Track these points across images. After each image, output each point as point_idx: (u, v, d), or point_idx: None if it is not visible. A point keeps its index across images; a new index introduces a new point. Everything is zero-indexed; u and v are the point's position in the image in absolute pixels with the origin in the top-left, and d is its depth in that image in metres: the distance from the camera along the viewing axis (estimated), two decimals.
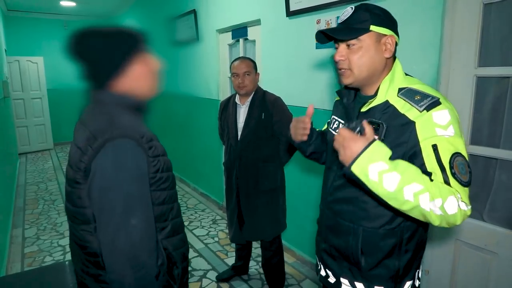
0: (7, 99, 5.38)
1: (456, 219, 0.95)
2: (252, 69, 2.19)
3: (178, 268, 1.05)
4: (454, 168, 0.96)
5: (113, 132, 0.91)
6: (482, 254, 1.69)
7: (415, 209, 0.94)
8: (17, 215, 3.98)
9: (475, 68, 1.62)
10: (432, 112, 0.98)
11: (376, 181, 0.92)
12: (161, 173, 0.99)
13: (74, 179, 0.95)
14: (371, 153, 0.92)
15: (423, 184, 0.92)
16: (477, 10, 1.59)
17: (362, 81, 1.11)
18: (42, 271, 2.17)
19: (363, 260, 1.14)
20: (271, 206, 2.25)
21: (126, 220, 0.89)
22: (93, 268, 0.99)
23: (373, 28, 1.05)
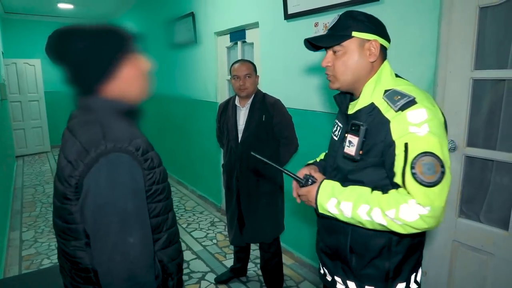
0: (4, 102, 5.37)
1: (420, 225, 0.95)
2: (253, 71, 2.20)
3: (174, 280, 1.02)
4: (416, 168, 0.95)
5: (106, 146, 0.85)
6: (479, 255, 1.71)
7: (377, 225, 1.02)
8: (15, 218, 3.97)
9: (471, 71, 1.64)
10: (407, 112, 0.99)
11: (337, 213, 1.07)
12: (157, 185, 0.94)
13: (64, 194, 0.89)
14: (321, 195, 1.10)
15: (369, 203, 1.01)
16: (473, 13, 1.61)
17: (348, 85, 1.14)
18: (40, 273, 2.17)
19: (353, 259, 1.16)
20: (271, 208, 2.27)
21: (123, 238, 0.85)
22: (83, 284, 0.94)
23: (355, 34, 1.08)
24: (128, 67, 0.95)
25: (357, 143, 1.09)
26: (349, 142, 1.12)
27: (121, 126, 0.91)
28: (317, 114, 2.50)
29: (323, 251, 1.29)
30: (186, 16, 4.11)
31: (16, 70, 6.82)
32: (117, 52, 0.93)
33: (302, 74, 2.58)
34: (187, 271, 2.79)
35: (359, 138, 1.08)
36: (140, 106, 1.03)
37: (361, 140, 1.08)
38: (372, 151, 1.06)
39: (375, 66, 1.12)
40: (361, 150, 1.08)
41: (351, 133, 1.11)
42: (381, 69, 1.12)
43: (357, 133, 1.09)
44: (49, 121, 7.37)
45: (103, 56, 0.90)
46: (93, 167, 0.84)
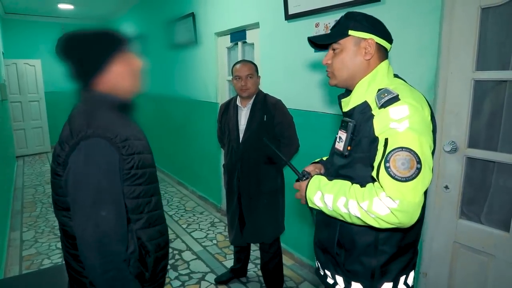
0: (4, 102, 5.36)
1: (391, 219, 0.94)
2: (254, 72, 2.21)
3: (151, 257, 1.12)
4: (390, 161, 0.95)
5: (87, 132, 0.99)
6: (480, 256, 1.71)
7: (352, 218, 1.03)
8: (15, 218, 3.97)
9: (472, 72, 1.64)
10: (389, 108, 1.00)
11: (322, 206, 1.11)
12: (136, 169, 1.06)
13: (55, 171, 1.05)
14: (309, 189, 1.14)
15: (346, 195, 1.03)
16: (475, 14, 1.61)
17: (344, 82, 1.17)
18: (40, 273, 2.17)
19: (342, 254, 1.17)
20: (272, 208, 2.27)
21: (95, 211, 0.98)
22: (72, 249, 1.09)
23: (351, 33, 1.12)
24: (119, 64, 1.09)
25: (345, 138, 1.12)
26: (339, 138, 1.17)
27: (107, 117, 1.05)
28: (318, 115, 2.49)
29: (317, 245, 1.31)
30: (187, 16, 4.11)
31: (16, 70, 6.81)
32: (109, 51, 1.08)
33: (303, 75, 2.58)
34: (187, 271, 2.79)
35: (347, 134, 1.11)
36: (132, 100, 1.17)
37: (349, 135, 1.11)
38: (358, 146, 1.09)
39: (372, 64, 1.13)
40: (349, 146, 1.11)
41: (341, 129, 1.16)
42: (377, 68, 1.13)
43: (345, 129, 1.13)
44: (49, 121, 7.36)
45: (96, 53, 1.06)
46: (75, 149, 0.99)
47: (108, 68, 1.08)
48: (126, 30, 1.12)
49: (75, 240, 1.02)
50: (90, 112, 1.05)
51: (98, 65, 1.06)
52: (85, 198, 0.98)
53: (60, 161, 1.02)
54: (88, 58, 1.06)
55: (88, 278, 1.08)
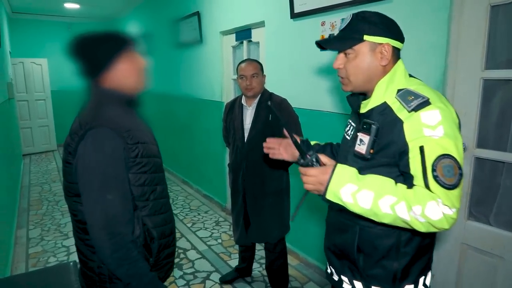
0: (11, 101, 5.41)
1: (442, 224, 0.94)
2: (259, 71, 2.19)
3: (155, 244, 1.18)
4: (437, 170, 0.93)
5: (94, 123, 1.08)
6: (488, 258, 1.68)
7: (397, 220, 0.97)
8: (22, 216, 4.00)
9: (481, 71, 1.62)
10: (420, 113, 0.97)
11: (352, 202, 0.99)
12: (141, 158, 1.13)
13: (66, 160, 1.13)
14: (337, 178, 1.00)
15: (396, 195, 0.96)
16: (484, 12, 1.58)
17: (360, 87, 1.13)
18: (47, 271, 2.18)
19: (361, 259, 1.14)
20: (277, 208, 2.25)
21: (102, 195, 1.05)
22: (82, 233, 1.15)
23: (367, 38, 1.06)
24: (124, 62, 1.17)
25: (368, 141, 1.08)
26: (360, 141, 1.11)
27: (112, 110, 1.13)
28: (324, 114, 2.48)
29: (330, 250, 1.28)
30: (192, 15, 4.11)
31: (23, 69, 6.86)
32: (115, 50, 1.15)
33: (308, 74, 2.56)
34: (191, 270, 2.79)
35: (370, 136, 1.07)
36: (137, 96, 1.24)
37: (372, 138, 1.06)
38: (383, 150, 1.05)
39: (387, 67, 1.10)
40: (372, 148, 1.07)
41: (363, 131, 1.10)
42: (394, 69, 1.10)
43: (368, 131, 1.08)
44: (56, 120, 7.41)
45: (104, 52, 1.14)
46: (83, 138, 1.07)
47: (114, 66, 1.15)
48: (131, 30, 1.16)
49: (85, 224, 1.10)
50: (97, 106, 1.14)
51: (105, 63, 1.14)
52: (93, 182, 1.06)
53: (71, 150, 1.10)
54: (97, 56, 1.14)
55: (95, 262, 1.14)
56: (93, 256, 1.15)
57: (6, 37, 5.88)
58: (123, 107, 1.18)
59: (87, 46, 1.15)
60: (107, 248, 1.05)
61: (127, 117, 1.16)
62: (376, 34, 1.06)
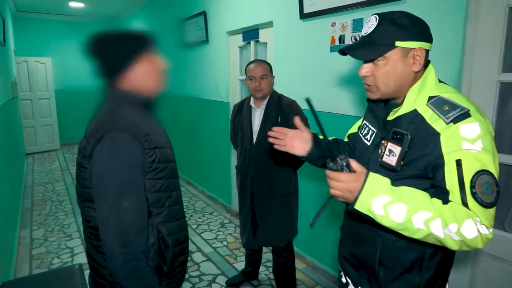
0: (15, 99, 5.39)
1: (477, 243, 0.90)
2: (269, 72, 2.16)
3: (169, 251, 1.14)
4: (476, 187, 0.89)
5: (111, 126, 1.03)
6: (503, 265, 1.64)
7: (429, 237, 0.91)
8: (25, 216, 3.97)
9: (498, 74, 1.58)
10: (460, 125, 0.92)
11: (383, 214, 0.91)
12: (158, 163, 1.09)
13: (81, 163, 1.09)
14: (370, 188, 0.91)
15: (432, 211, 0.89)
16: (502, 13, 1.55)
17: (389, 95, 1.06)
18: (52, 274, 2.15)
19: (382, 272, 1.10)
20: (285, 211, 2.22)
21: (118, 202, 1.01)
22: (94, 240, 1.12)
23: (398, 44, 0.98)
24: (143, 63, 1.13)
25: (399, 153, 1.01)
26: (389, 151, 1.04)
27: (130, 113, 1.10)
28: (333, 116, 2.44)
29: (347, 260, 1.24)
30: (198, 15, 4.08)
31: (27, 68, 6.85)
32: (135, 50, 1.12)
33: (318, 75, 2.53)
34: (197, 273, 2.76)
35: (402, 148, 1.00)
36: (154, 99, 1.21)
37: (404, 150, 1.00)
38: (414, 163, 0.98)
39: (419, 72, 1.04)
40: (402, 160, 1.01)
41: (393, 142, 1.03)
42: (425, 74, 1.03)
43: (400, 142, 1.01)
44: (59, 119, 7.39)
45: (122, 52, 1.10)
46: (99, 142, 1.02)
47: (133, 67, 1.11)
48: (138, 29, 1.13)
49: (98, 231, 1.07)
50: (115, 108, 1.10)
51: (124, 63, 1.10)
52: (108, 189, 1.02)
53: (86, 154, 1.06)
54: (115, 56, 1.10)
55: (107, 269, 1.11)
56: (105, 263, 1.11)
57: (11, 36, 5.86)
58: (140, 109, 1.15)
59: (105, 45, 1.11)
60: (118, 257, 1.01)
61: (145, 120, 1.12)
62: (408, 38, 0.98)
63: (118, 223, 1.01)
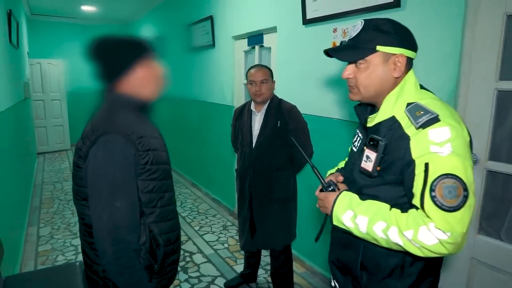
0: (27, 100, 5.52)
1: (439, 249, 0.90)
2: (269, 77, 2.18)
3: (161, 250, 1.18)
4: (436, 191, 0.89)
5: (106, 129, 1.07)
6: (499, 274, 1.63)
7: (392, 244, 0.97)
8: (33, 214, 4.06)
9: (496, 82, 1.58)
10: (429, 130, 0.93)
11: (353, 227, 1.03)
12: (151, 165, 1.13)
13: (76, 164, 1.13)
14: (338, 206, 1.06)
15: (387, 220, 0.96)
16: (500, 21, 1.54)
17: (370, 98, 1.09)
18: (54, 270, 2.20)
19: (364, 277, 1.12)
20: (283, 215, 2.23)
21: (110, 201, 1.05)
22: (88, 237, 1.16)
23: (380, 48, 1.01)
24: (142, 69, 1.17)
25: (375, 159, 1.04)
26: (366, 157, 1.07)
27: (125, 116, 1.13)
28: (333, 121, 2.45)
29: (335, 264, 1.26)
30: (205, 19, 4.14)
31: (40, 69, 7.01)
32: (134, 56, 1.16)
33: (319, 80, 2.55)
34: (197, 274, 2.79)
35: (378, 154, 1.03)
36: (151, 104, 1.24)
37: (379, 156, 1.02)
38: (390, 168, 1.01)
39: (400, 79, 1.06)
40: (378, 166, 1.03)
41: (369, 147, 1.06)
42: (404, 80, 1.05)
43: (375, 148, 1.04)
44: (70, 120, 7.54)
45: (122, 57, 1.15)
46: (95, 144, 1.07)
47: (132, 72, 1.16)
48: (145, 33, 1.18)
49: (91, 228, 1.10)
50: (111, 111, 1.14)
51: (123, 68, 1.15)
52: (102, 189, 1.06)
53: (82, 155, 1.10)
54: (115, 60, 1.15)
55: (100, 266, 1.14)
56: (98, 260, 1.15)
57: (25, 38, 6.02)
58: (136, 112, 1.18)
59: (106, 49, 1.15)
60: (110, 254, 1.04)
61: (140, 123, 1.16)
62: (390, 44, 1.01)
63: (110, 222, 1.04)
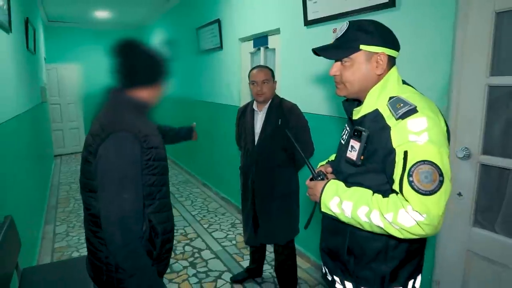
0: (44, 104, 5.73)
1: (417, 231, 0.97)
2: (270, 77, 2.26)
3: (159, 238, 1.29)
4: (413, 176, 0.96)
5: (116, 127, 1.18)
6: (493, 266, 1.66)
7: (374, 228, 1.04)
8: (50, 213, 4.23)
9: (487, 77, 1.62)
10: (407, 120, 1.00)
11: (339, 212, 1.10)
12: (153, 161, 1.23)
13: (86, 158, 1.24)
14: (326, 193, 1.14)
15: (369, 205, 1.03)
16: (489, 18, 1.58)
17: (355, 94, 1.17)
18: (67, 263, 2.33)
19: (351, 261, 1.18)
20: (285, 211, 2.30)
21: (119, 194, 1.15)
22: (93, 226, 1.27)
23: (363, 47, 1.09)
24: (155, 88, 1.34)
25: (359, 148, 1.11)
26: (351, 147, 1.15)
27: (131, 115, 1.24)
28: (335, 120, 2.51)
29: (324, 251, 1.32)
30: (213, 22, 4.24)
31: (56, 74, 7.26)
32: (159, 76, 1.33)
33: (320, 80, 2.61)
34: (205, 269, 2.88)
35: (361, 143, 1.10)
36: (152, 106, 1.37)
37: (362, 145, 1.10)
38: (373, 157, 1.08)
39: (382, 76, 1.13)
40: (362, 155, 1.11)
41: (354, 138, 1.14)
42: (387, 76, 1.12)
43: (359, 138, 1.12)
44: (85, 123, 7.77)
45: (150, 73, 1.30)
46: (105, 141, 1.16)
47: (149, 87, 1.31)
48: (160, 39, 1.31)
49: (97, 218, 1.22)
50: (118, 111, 1.25)
51: (146, 82, 1.29)
52: (112, 182, 1.15)
53: (92, 150, 1.20)
54: (143, 72, 1.28)
55: (103, 253, 1.26)
56: (102, 247, 1.26)
57: (42, 45, 6.24)
58: (139, 112, 1.30)
59: (140, 58, 1.28)
60: (119, 242, 1.14)
61: (143, 123, 1.27)
62: (372, 43, 1.09)
63: (119, 213, 1.14)
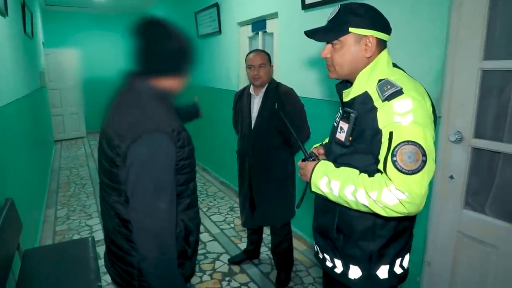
0: (43, 89, 5.73)
1: (400, 209, 1.00)
2: (267, 61, 2.27)
3: (194, 236, 1.21)
4: (397, 155, 0.99)
5: (149, 126, 1.03)
6: (482, 247, 1.71)
7: (361, 206, 1.07)
8: (51, 197, 4.29)
9: (480, 61, 1.63)
10: (393, 102, 1.02)
11: (327, 191, 1.14)
12: (184, 160, 1.11)
13: (112, 160, 1.07)
14: (316, 173, 1.17)
15: (355, 183, 1.06)
16: (484, 2, 1.58)
17: (345, 76, 1.19)
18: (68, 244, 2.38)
19: (340, 239, 1.22)
20: (281, 193, 2.35)
21: (155, 204, 1.02)
22: (125, 229, 1.13)
23: (352, 30, 1.11)
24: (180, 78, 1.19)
25: (347, 129, 1.14)
26: (340, 129, 1.18)
27: (161, 110, 1.09)
28: (332, 104, 2.53)
29: (316, 230, 1.37)
30: (211, 6, 4.21)
31: (55, 59, 7.23)
32: (188, 65, 1.19)
33: (317, 64, 2.61)
34: (203, 251, 2.94)
35: (349, 125, 1.13)
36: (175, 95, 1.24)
37: (350, 127, 1.13)
38: (361, 138, 1.11)
39: (372, 58, 1.15)
40: (350, 136, 1.14)
41: (343, 120, 1.17)
42: (377, 59, 1.14)
43: (347, 120, 1.14)
44: (86, 108, 7.78)
45: (179, 60, 1.14)
46: (136, 142, 1.01)
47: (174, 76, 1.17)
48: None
49: (127, 222, 1.10)
50: (144, 105, 1.09)
51: (170, 70, 1.14)
52: (146, 190, 1.02)
53: (120, 153, 1.04)
54: (169, 58, 1.11)
55: (135, 257, 1.12)
56: (134, 252, 1.13)
57: (40, 29, 6.20)
58: (164, 104, 1.14)
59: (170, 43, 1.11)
60: (152, 259, 1.03)
61: (173, 117, 1.11)
62: (361, 26, 1.10)
63: (155, 225, 1.02)
